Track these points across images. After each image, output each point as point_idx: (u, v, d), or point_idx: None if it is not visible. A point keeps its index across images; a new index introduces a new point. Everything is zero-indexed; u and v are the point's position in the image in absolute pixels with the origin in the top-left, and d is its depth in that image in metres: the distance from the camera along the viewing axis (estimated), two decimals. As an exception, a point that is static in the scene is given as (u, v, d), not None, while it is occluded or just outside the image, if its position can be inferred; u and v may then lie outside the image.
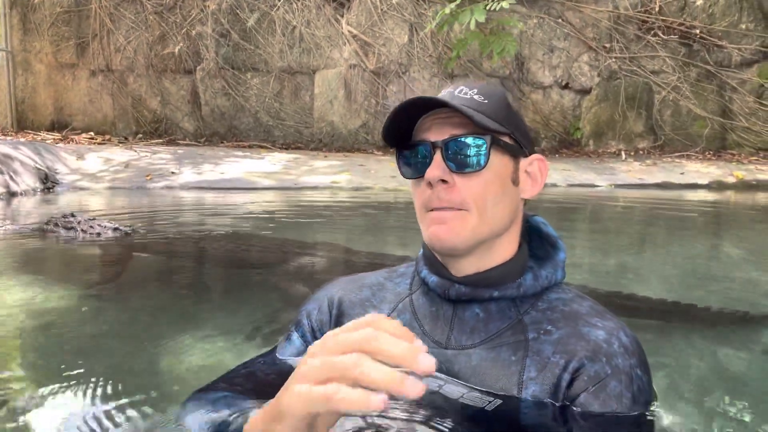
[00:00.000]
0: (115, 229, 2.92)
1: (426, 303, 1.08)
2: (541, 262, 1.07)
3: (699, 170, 6.43)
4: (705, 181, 6.03)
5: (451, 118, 1.00)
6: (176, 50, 7.67)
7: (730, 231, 3.72)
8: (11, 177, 5.08)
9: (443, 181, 0.98)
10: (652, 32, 7.07)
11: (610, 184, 5.91)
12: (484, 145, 0.99)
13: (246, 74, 7.69)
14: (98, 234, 2.85)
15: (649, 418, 0.96)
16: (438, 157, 0.99)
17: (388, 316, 1.05)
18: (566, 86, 7.43)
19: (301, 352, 1.14)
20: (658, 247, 3.22)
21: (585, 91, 7.40)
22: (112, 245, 2.74)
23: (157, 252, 2.71)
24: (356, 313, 1.12)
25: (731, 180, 6.04)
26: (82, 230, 2.86)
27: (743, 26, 7.00)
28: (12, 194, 4.91)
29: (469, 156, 0.99)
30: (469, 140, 0.99)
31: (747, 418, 1.45)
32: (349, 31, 7.43)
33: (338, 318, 1.14)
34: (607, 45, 7.24)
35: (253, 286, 2.33)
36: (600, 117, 7.33)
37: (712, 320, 2.13)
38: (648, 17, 7.07)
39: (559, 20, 7.26)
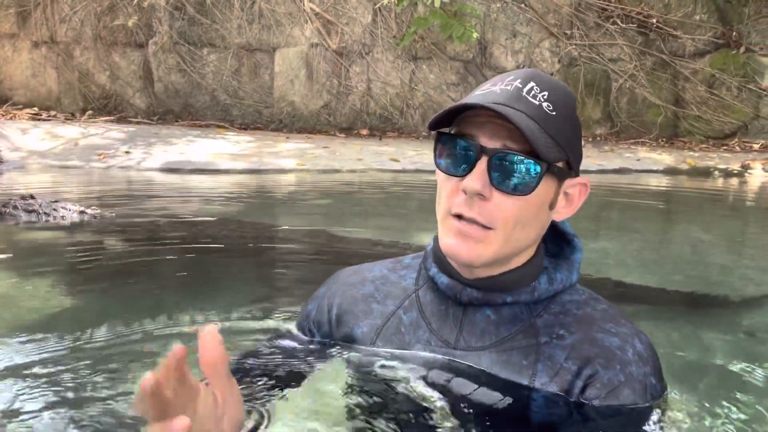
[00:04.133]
0: (81, 212, 2.73)
1: (434, 301, 1.04)
2: (557, 263, 1.03)
3: (653, 157, 6.63)
4: (660, 168, 6.23)
5: (506, 122, 0.90)
6: (129, 22, 7.27)
7: (695, 217, 3.85)
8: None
9: (480, 194, 0.91)
10: (611, 20, 7.21)
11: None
12: (539, 173, 0.91)
13: (202, 50, 7.38)
14: (62, 217, 2.66)
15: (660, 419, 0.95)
16: (483, 165, 0.90)
17: (394, 312, 1.07)
18: (527, 71, 7.49)
19: (302, 354, 1.11)
20: (633, 232, 3.30)
21: (545, 77, 7.50)
22: (80, 230, 2.57)
23: (129, 236, 2.56)
24: (360, 310, 1.08)
25: (684, 167, 6.27)
26: (45, 213, 2.66)
27: (697, 17, 7.22)
28: (-49, 173, 4.56)
29: (518, 177, 0.90)
30: (524, 162, 0.90)
31: (733, 400, 1.49)
32: (311, 8, 7.23)
33: (339, 317, 1.10)
34: (568, 32, 7.33)
35: (223, 271, 2.25)
36: (559, 103, 7.45)
37: (696, 304, 2.19)
38: (608, 5, 7.19)
39: (522, 5, 7.30)
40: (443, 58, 7.32)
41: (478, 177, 0.89)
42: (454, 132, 0.95)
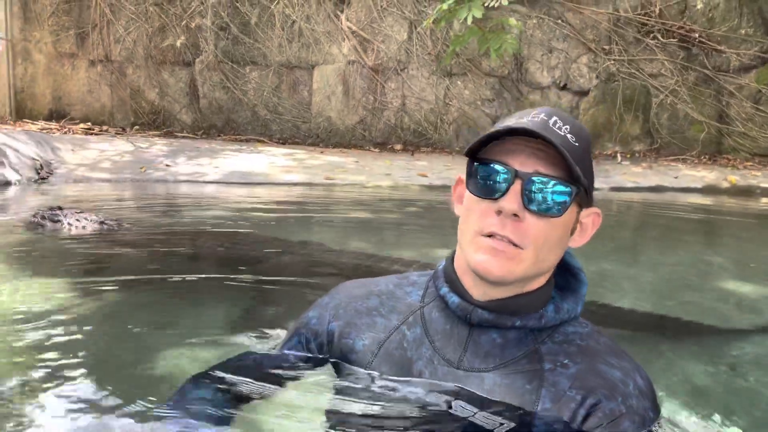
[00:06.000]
0: (101, 222, 2.95)
1: (440, 319, 1.05)
2: (563, 294, 1.06)
3: (693, 174, 6.43)
4: (699, 186, 6.03)
5: (541, 150, 0.96)
6: (176, 43, 7.67)
7: (716, 238, 3.73)
8: (6, 166, 5.11)
9: (515, 215, 0.95)
10: (652, 35, 7.05)
11: (604, 187, 5.93)
12: (570, 196, 0.97)
13: (245, 68, 7.70)
14: (83, 227, 2.88)
15: None
16: (517, 188, 0.95)
17: (398, 327, 1.08)
18: (564, 87, 7.42)
19: (291, 365, 1.13)
20: (639, 254, 3.24)
21: (583, 93, 7.39)
22: (95, 239, 2.78)
23: (139, 247, 2.74)
24: (363, 322, 1.10)
25: (725, 185, 6.04)
26: (68, 223, 2.89)
27: (742, 31, 6.97)
28: (6, 184, 4.94)
29: (550, 200, 0.96)
30: (557, 186, 0.96)
31: (706, 427, 1.47)
32: (348, 26, 7.43)
33: (341, 329, 1.11)
34: (606, 47, 7.22)
35: (233, 283, 2.36)
36: (597, 119, 7.33)
37: (681, 332, 2.15)
38: (648, 20, 7.05)
39: (559, 21, 7.25)
40: (478, 74, 7.35)
41: (514, 199, 0.95)
42: (489, 159, 0.99)
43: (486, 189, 0.98)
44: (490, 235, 0.96)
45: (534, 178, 0.95)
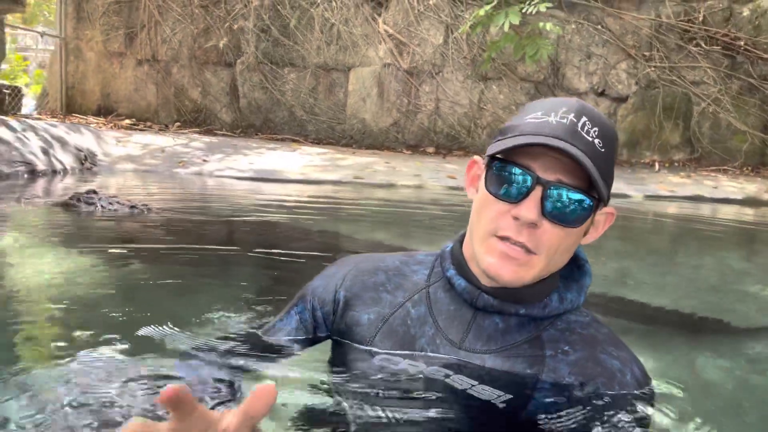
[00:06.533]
0: (132, 207, 3.08)
1: (445, 300, 1.06)
2: (567, 284, 1.06)
3: (734, 185, 6.23)
4: (739, 197, 5.85)
5: (563, 156, 0.92)
6: (219, 44, 7.91)
7: (747, 246, 3.62)
8: (52, 157, 5.37)
9: (533, 222, 0.93)
10: (694, 42, 6.89)
11: (639, 195, 5.81)
12: (590, 208, 0.95)
13: (283, 69, 7.87)
14: (115, 210, 3.01)
15: None
16: (537, 194, 0.93)
17: (403, 304, 1.09)
18: (602, 93, 7.32)
19: (294, 332, 1.13)
20: (662, 255, 3.17)
21: (621, 99, 7.27)
22: (125, 221, 2.90)
23: (165, 229, 2.86)
24: (369, 296, 1.10)
25: (766, 197, 5.84)
26: (101, 206, 3.03)
27: (791, 39, 6.75)
28: (54, 172, 5.19)
29: (570, 210, 0.94)
30: (578, 197, 0.94)
31: (715, 427, 1.45)
32: (385, 29, 7.51)
33: (347, 300, 1.11)
34: (647, 53, 7.09)
35: (250, 266, 2.43)
36: (635, 126, 7.19)
37: (697, 328, 2.11)
38: (691, 27, 6.90)
39: (599, 26, 7.16)
40: (514, 79, 7.32)
41: (533, 206, 0.92)
42: (510, 160, 0.96)
43: (505, 190, 0.95)
44: (503, 238, 0.95)
45: (556, 187, 0.93)
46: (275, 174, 5.70)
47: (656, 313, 2.21)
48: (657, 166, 6.96)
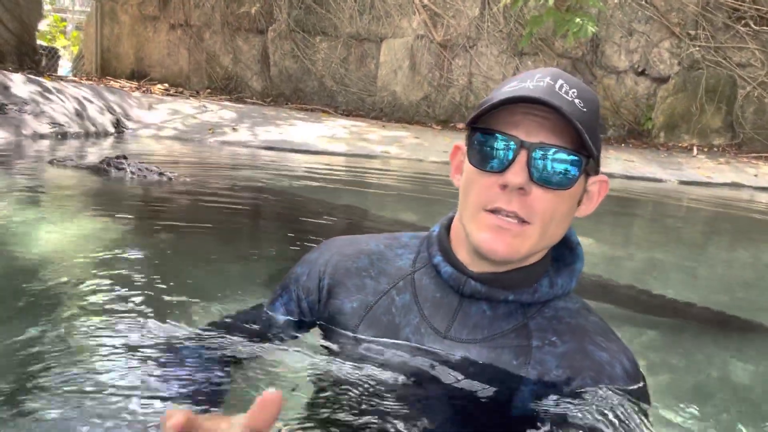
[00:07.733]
0: (161, 174, 3.10)
1: (430, 286, 1.03)
2: (558, 267, 1.02)
3: (776, 173, 6.01)
4: (780, 185, 5.64)
5: (547, 119, 0.89)
6: (252, 10, 7.85)
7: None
8: (85, 119, 5.44)
9: (521, 188, 0.89)
10: (743, 21, 6.58)
11: (674, 180, 5.64)
12: (579, 166, 0.91)
13: (315, 38, 7.78)
14: (144, 177, 3.04)
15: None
16: (522, 159, 0.89)
17: (387, 291, 1.05)
18: (642, 73, 7.07)
19: (281, 323, 1.11)
20: (695, 246, 3.07)
21: (662, 80, 7.02)
22: (153, 187, 2.93)
23: (191, 198, 2.87)
24: (353, 283, 1.07)
25: (810, 187, 5.62)
26: (130, 172, 3.06)
27: None
28: (87, 135, 5.27)
29: (559, 171, 0.90)
30: (564, 155, 0.90)
31: (738, 427, 1.42)
32: (420, 0, 7.35)
33: (330, 288, 1.09)
34: (692, 32, 6.80)
35: (270, 235, 2.43)
36: (675, 108, 6.95)
37: (727, 326, 2.05)
38: (740, 5, 6.57)
39: (643, 1, 6.88)
40: (550, 55, 7.12)
41: (519, 171, 0.88)
42: (491, 129, 0.92)
43: (489, 161, 0.91)
44: (493, 211, 0.91)
45: (540, 148, 0.89)
46: (304, 146, 5.68)
47: (685, 309, 2.14)
48: (695, 150, 6.73)
